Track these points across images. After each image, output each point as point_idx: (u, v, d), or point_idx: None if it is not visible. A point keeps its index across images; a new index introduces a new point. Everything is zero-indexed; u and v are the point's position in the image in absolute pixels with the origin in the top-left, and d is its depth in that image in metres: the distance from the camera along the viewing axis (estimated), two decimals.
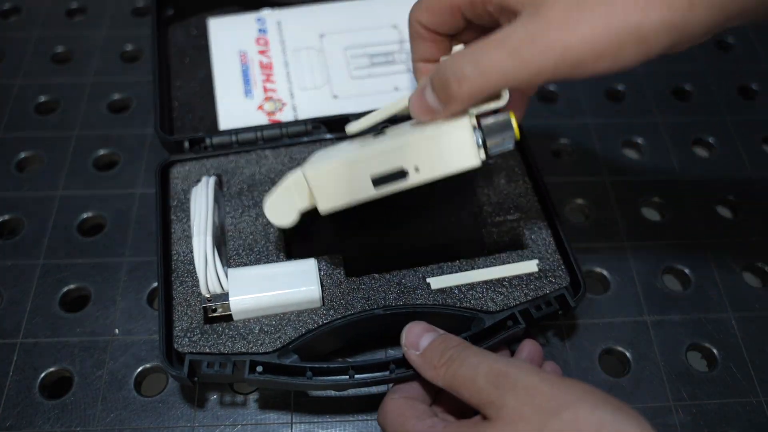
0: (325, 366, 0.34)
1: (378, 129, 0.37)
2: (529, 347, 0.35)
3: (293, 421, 0.36)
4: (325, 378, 0.34)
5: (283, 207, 0.36)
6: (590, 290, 0.42)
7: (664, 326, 0.40)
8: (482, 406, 0.28)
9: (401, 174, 0.33)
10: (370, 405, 0.37)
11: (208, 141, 0.43)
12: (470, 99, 0.30)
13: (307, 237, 0.42)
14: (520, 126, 0.33)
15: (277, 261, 0.38)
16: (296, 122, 0.44)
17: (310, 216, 0.43)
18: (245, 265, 0.38)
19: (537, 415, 0.27)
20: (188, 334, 0.35)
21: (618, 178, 0.47)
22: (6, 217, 0.44)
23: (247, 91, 0.47)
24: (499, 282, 0.37)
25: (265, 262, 0.38)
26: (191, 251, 0.37)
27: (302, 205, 0.36)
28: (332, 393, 0.37)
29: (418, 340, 0.32)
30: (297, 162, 0.42)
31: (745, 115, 0.51)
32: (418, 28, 0.35)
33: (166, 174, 0.42)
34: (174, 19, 0.51)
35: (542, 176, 0.42)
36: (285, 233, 0.40)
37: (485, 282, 0.37)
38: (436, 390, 0.33)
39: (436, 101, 0.31)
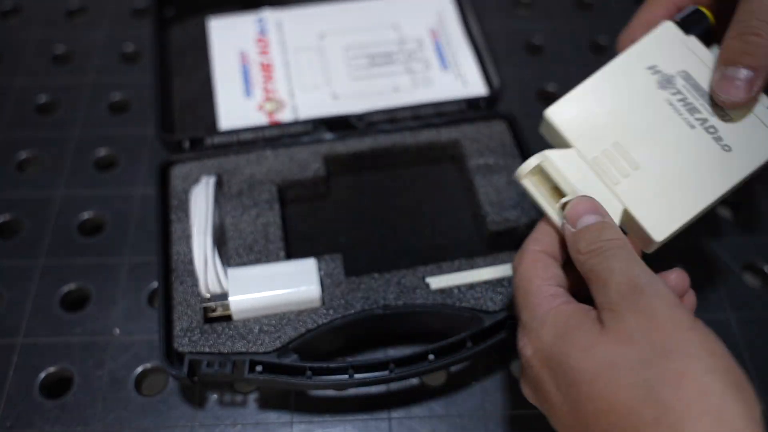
0: (325, 365, 0.34)
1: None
2: (675, 276, 0.30)
3: (293, 420, 0.36)
4: (325, 377, 0.34)
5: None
6: None
7: None
8: (602, 310, 0.27)
9: None
10: (370, 404, 0.37)
11: (208, 141, 0.43)
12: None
13: (307, 237, 0.42)
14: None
15: (276, 260, 0.39)
16: (296, 122, 0.44)
17: (310, 215, 0.43)
18: (245, 264, 0.38)
19: (646, 348, 0.25)
20: (188, 334, 0.35)
21: None
22: (6, 217, 0.44)
23: (248, 91, 0.47)
24: (499, 282, 0.37)
25: (265, 262, 0.38)
26: (191, 251, 0.37)
27: None
28: (332, 392, 0.37)
29: (579, 217, 0.30)
30: (297, 162, 0.42)
31: None
32: None
33: (166, 174, 0.42)
34: (174, 19, 0.51)
35: None
36: (285, 233, 0.40)
37: (485, 282, 0.37)
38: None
39: (747, 71, 0.31)
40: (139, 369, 0.38)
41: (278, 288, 0.36)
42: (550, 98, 0.51)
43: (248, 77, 0.48)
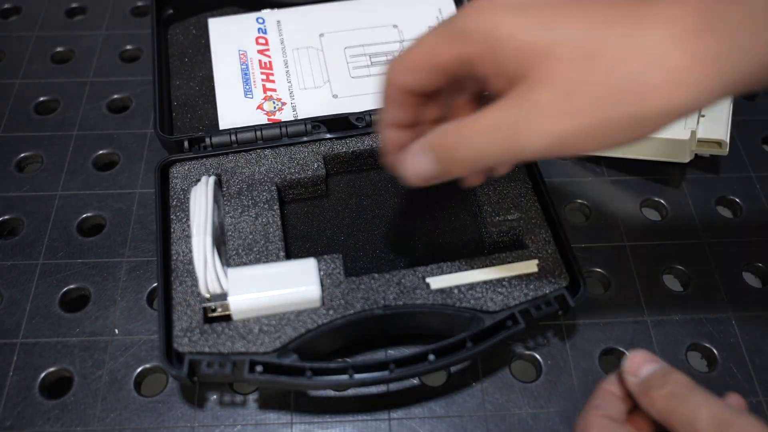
0: (325, 366, 0.34)
1: None
2: (736, 400, 0.32)
3: (293, 421, 0.36)
4: (325, 378, 0.34)
5: None
6: (590, 290, 0.42)
7: (664, 326, 0.40)
8: None
9: None
10: (370, 405, 0.37)
11: (207, 140, 0.43)
12: (470, 169, 0.31)
13: (306, 237, 0.42)
14: None
15: (276, 261, 0.38)
16: (296, 121, 0.44)
17: (310, 215, 0.43)
18: (245, 264, 0.38)
19: None
20: (188, 334, 0.35)
21: (618, 178, 0.47)
22: (6, 217, 0.44)
23: (247, 91, 0.47)
24: (499, 282, 0.37)
25: (264, 262, 0.38)
26: (191, 251, 0.37)
27: None
28: (332, 393, 0.37)
29: (639, 366, 0.31)
30: (296, 162, 0.42)
31: (745, 115, 0.51)
32: (394, 90, 0.31)
33: (165, 173, 0.42)
34: (174, 19, 0.51)
35: (542, 176, 0.42)
36: (284, 233, 0.40)
37: (485, 282, 0.37)
38: (630, 409, 0.32)
39: (435, 167, 0.29)
40: (139, 369, 0.38)
41: (278, 288, 0.36)
42: None
43: (248, 77, 0.48)
